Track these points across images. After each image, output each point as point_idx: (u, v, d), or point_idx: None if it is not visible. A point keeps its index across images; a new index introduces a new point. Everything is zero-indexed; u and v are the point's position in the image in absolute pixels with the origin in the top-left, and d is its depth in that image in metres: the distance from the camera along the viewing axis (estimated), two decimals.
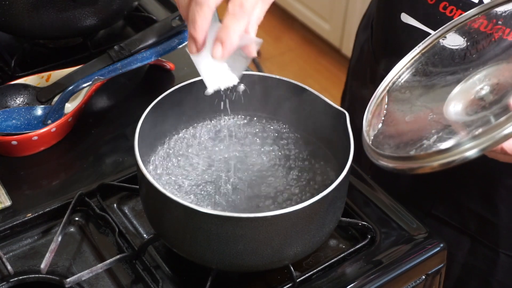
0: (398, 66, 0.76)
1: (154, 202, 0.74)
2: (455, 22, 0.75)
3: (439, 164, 0.59)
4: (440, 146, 0.62)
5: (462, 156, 0.58)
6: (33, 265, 0.80)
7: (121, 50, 1.01)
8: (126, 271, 0.80)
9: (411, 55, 0.76)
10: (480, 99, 0.66)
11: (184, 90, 0.82)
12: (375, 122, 0.72)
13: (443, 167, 0.59)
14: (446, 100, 0.69)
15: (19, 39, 1.12)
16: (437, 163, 0.59)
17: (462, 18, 0.75)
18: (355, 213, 0.85)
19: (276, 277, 0.79)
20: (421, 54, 0.76)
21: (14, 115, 0.94)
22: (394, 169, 0.64)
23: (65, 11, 1.00)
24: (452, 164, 0.59)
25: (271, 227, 0.69)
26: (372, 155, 0.67)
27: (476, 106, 0.65)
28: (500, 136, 0.57)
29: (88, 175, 0.91)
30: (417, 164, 0.61)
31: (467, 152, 0.58)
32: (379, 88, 0.75)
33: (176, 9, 1.18)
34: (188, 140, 0.85)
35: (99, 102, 1.03)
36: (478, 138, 0.57)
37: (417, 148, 0.65)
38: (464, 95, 0.68)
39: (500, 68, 0.68)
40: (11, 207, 0.85)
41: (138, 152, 0.73)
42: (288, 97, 0.84)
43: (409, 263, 0.81)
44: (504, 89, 0.65)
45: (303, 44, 2.76)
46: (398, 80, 0.75)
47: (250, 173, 0.81)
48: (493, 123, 0.57)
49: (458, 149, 0.58)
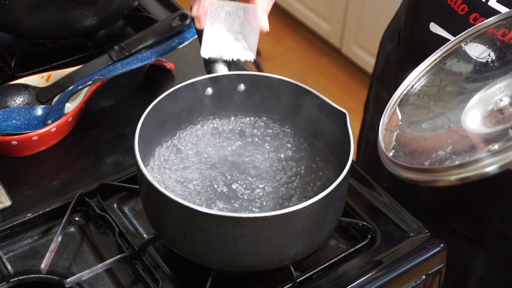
0: (417, 70, 0.74)
1: (154, 202, 0.74)
2: (476, 28, 0.73)
3: (456, 178, 0.58)
4: (456, 158, 0.61)
5: (482, 172, 0.57)
6: (33, 265, 0.80)
7: (121, 50, 1.01)
8: (126, 271, 0.80)
9: (430, 59, 0.74)
10: (499, 110, 0.64)
11: (184, 90, 0.82)
12: (391, 128, 0.71)
13: (461, 181, 0.58)
14: (465, 109, 0.67)
15: (19, 39, 1.12)
16: (455, 177, 0.58)
17: (484, 24, 0.73)
18: (355, 213, 0.85)
19: (276, 277, 0.79)
20: (441, 59, 0.74)
21: (14, 115, 0.94)
22: (409, 180, 0.62)
23: (65, 11, 1.00)
24: (470, 179, 0.57)
25: (271, 227, 0.69)
26: (387, 163, 0.66)
27: (495, 117, 0.64)
28: None
29: (88, 175, 0.91)
30: (434, 177, 0.60)
31: (486, 168, 0.56)
32: (397, 93, 0.73)
33: (176, 9, 1.18)
34: (188, 140, 0.85)
35: (99, 102, 1.03)
36: (498, 154, 0.56)
37: (432, 158, 0.63)
38: (483, 105, 0.66)
39: None
40: (11, 207, 0.85)
41: (138, 152, 0.73)
42: (288, 97, 0.84)
43: (409, 263, 0.81)
44: None
45: (303, 44, 2.76)
46: (417, 84, 0.74)
47: (250, 173, 0.81)
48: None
49: (477, 164, 0.57)
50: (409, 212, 0.86)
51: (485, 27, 0.73)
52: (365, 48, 2.48)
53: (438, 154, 0.63)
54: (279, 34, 2.81)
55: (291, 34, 2.81)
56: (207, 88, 0.84)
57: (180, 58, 1.10)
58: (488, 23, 0.73)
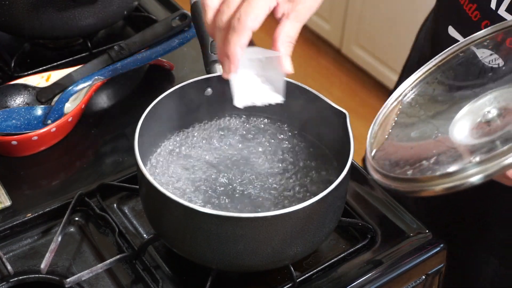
0: (411, 78, 0.74)
1: (154, 202, 0.74)
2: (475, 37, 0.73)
3: (441, 188, 0.58)
4: (439, 169, 0.60)
5: (467, 182, 0.57)
6: (33, 265, 0.80)
7: (121, 50, 1.01)
8: (126, 271, 0.80)
9: (425, 68, 0.74)
10: (486, 122, 0.64)
11: (184, 90, 0.82)
12: (380, 135, 0.70)
13: (446, 191, 0.58)
14: (453, 120, 0.67)
15: (19, 39, 1.12)
16: (440, 187, 0.58)
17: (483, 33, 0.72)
18: (355, 213, 0.85)
19: (276, 277, 0.79)
20: (436, 68, 0.74)
21: (14, 115, 0.94)
22: (394, 190, 0.62)
23: (65, 11, 1.00)
24: (456, 189, 0.57)
25: (271, 227, 0.69)
26: (372, 172, 0.65)
27: (482, 129, 0.64)
28: (504, 164, 0.55)
29: (88, 175, 0.91)
30: (418, 188, 0.59)
31: (471, 178, 0.56)
32: (389, 100, 0.73)
33: (176, 9, 1.18)
34: (188, 140, 0.85)
35: (99, 102, 1.03)
36: (483, 164, 0.56)
37: (415, 168, 0.63)
38: (471, 116, 0.66)
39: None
40: (11, 207, 0.85)
41: (138, 152, 0.73)
42: (288, 97, 0.84)
43: (409, 263, 0.81)
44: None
45: (303, 44, 2.76)
46: (410, 93, 0.73)
47: (250, 173, 0.81)
48: (497, 151, 0.56)
49: (461, 174, 0.57)
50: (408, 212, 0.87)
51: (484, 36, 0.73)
52: (365, 48, 2.48)
53: (422, 164, 0.63)
54: None
55: None
56: (207, 88, 0.84)
57: (180, 58, 1.10)
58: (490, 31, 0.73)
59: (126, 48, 1.01)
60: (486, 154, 0.57)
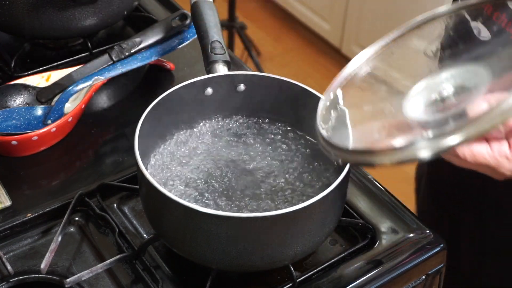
0: (366, 51, 0.73)
1: (154, 202, 0.74)
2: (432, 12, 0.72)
3: (391, 161, 0.58)
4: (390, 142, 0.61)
5: (416, 156, 0.57)
6: (33, 265, 0.80)
7: (121, 50, 1.01)
8: (126, 271, 0.80)
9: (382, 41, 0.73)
10: (441, 99, 0.64)
11: (184, 90, 0.82)
12: (331, 109, 0.69)
13: (396, 164, 0.58)
14: (408, 96, 0.66)
15: (19, 39, 1.12)
16: (390, 160, 0.58)
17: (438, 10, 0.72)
18: (355, 213, 0.85)
19: (276, 277, 0.79)
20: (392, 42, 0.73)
21: (14, 115, 0.94)
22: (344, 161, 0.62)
23: (65, 11, 1.00)
24: (405, 162, 0.58)
25: (271, 227, 0.69)
26: (322, 144, 0.65)
27: (436, 106, 0.64)
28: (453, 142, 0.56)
29: (88, 175, 0.91)
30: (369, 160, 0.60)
31: (421, 153, 0.57)
32: (341, 73, 0.72)
33: (176, 9, 1.18)
34: (188, 140, 0.85)
35: (99, 102, 1.03)
36: (433, 140, 0.56)
37: (368, 141, 0.63)
38: (427, 93, 0.66)
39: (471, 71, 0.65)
40: (11, 207, 0.85)
41: (138, 152, 0.73)
42: (288, 97, 0.84)
43: (409, 263, 0.81)
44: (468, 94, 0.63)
45: (303, 44, 2.76)
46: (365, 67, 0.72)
47: (250, 173, 0.81)
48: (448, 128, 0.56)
49: (412, 148, 0.57)
50: (408, 212, 0.87)
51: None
52: (365, 48, 2.48)
53: (374, 137, 0.64)
54: (279, 34, 2.81)
55: (291, 34, 2.81)
56: (207, 88, 0.84)
57: (180, 58, 1.10)
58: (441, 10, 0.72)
59: (126, 48, 1.01)
60: (437, 131, 0.57)
